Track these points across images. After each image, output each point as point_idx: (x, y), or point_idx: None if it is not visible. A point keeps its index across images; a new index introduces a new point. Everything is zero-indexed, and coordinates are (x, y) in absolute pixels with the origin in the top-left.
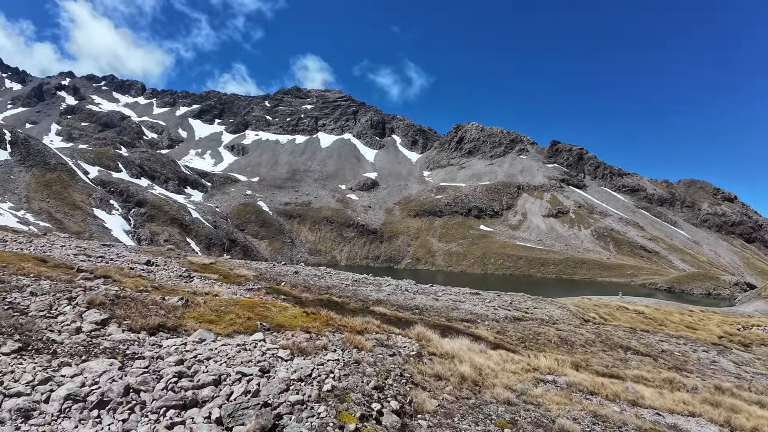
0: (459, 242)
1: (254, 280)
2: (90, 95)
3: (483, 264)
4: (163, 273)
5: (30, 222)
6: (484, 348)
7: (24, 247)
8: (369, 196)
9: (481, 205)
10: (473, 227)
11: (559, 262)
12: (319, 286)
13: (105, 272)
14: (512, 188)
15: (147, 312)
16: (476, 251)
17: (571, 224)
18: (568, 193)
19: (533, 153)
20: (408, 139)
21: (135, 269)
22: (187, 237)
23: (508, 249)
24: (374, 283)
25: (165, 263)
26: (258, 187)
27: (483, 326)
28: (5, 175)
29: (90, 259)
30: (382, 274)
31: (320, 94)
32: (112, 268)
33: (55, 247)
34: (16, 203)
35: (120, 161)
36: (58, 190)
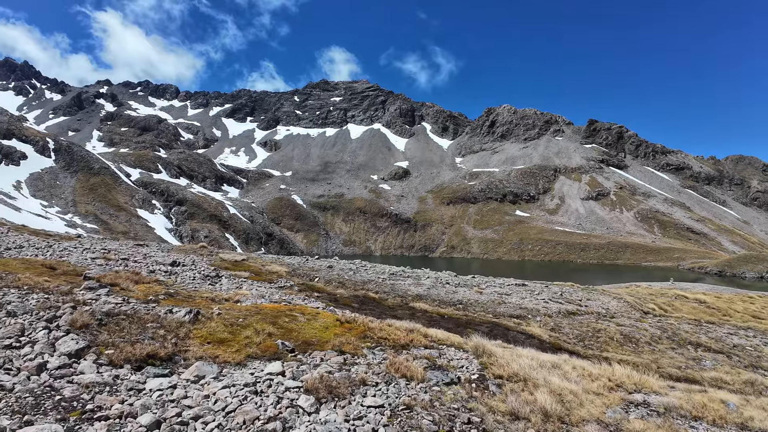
0: (494, 229)
1: (287, 276)
2: (127, 101)
3: (520, 250)
4: (187, 274)
5: (77, 224)
6: (557, 361)
7: (40, 253)
8: (401, 186)
9: (516, 189)
10: (509, 213)
11: (601, 247)
12: (355, 281)
13: (113, 279)
14: (548, 171)
15: (140, 334)
16: (512, 238)
17: (612, 207)
18: (608, 174)
19: (569, 134)
20: (438, 126)
21: (155, 272)
22: (225, 232)
23: (545, 234)
24: (412, 276)
25: (193, 263)
26: (291, 181)
27: (535, 323)
28: (52, 181)
29: (109, 262)
30: (416, 264)
31: (348, 86)
32: (123, 274)
33: (77, 251)
34: (63, 207)
35: (159, 163)
36: (102, 193)
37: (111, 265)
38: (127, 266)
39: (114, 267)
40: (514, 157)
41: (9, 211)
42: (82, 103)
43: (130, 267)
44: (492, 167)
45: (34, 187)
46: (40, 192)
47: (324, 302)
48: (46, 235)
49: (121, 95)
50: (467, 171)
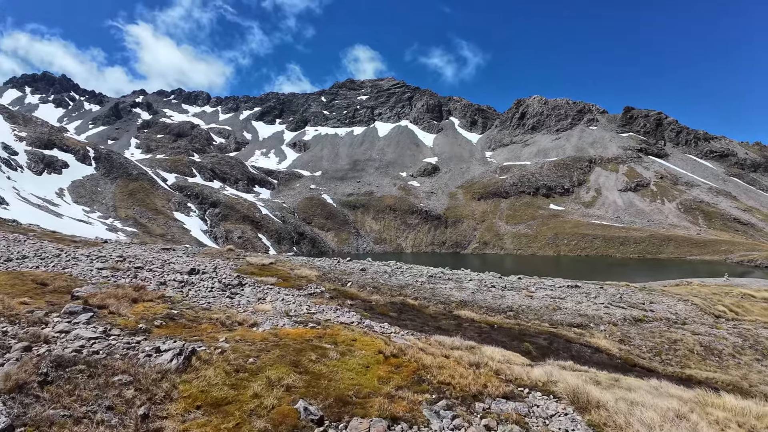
0: (528, 223)
1: (317, 281)
2: (162, 109)
3: (555, 245)
4: (205, 284)
5: (118, 228)
6: (681, 410)
7: (43, 264)
8: (430, 182)
9: (550, 182)
10: (542, 207)
11: (642, 241)
12: (391, 286)
13: (103, 300)
14: (583, 162)
15: (96, 400)
16: (547, 232)
17: (652, 198)
18: (647, 164)
19: (604, 123)
20: (466, 120)
21: (166, 284)
22: (258, 233)
23: (582, 228)
24: (453, 278)
25: (215, 269)
26: (321, 180)
27: (599, 332)
28: (93, 188)
29: (117, 273)
30: (448, 261)
31: (374, 84)
32: (121, 291)
33: (87, 260)
34: (104, 212)
35: (194, 167)
36: (141, 198)
37: (117, 276)
38: (136, 277)
39: (120, 279)
40: (546, 149)
41: (50, 217)
42: (119, 113)
43: (140, 278)
44: (523, 160)
45: (76, 193)
46: (82, 198)
47: (358, 312)
48: (71, 241)
49: (156, 104)
50: (498, 165)
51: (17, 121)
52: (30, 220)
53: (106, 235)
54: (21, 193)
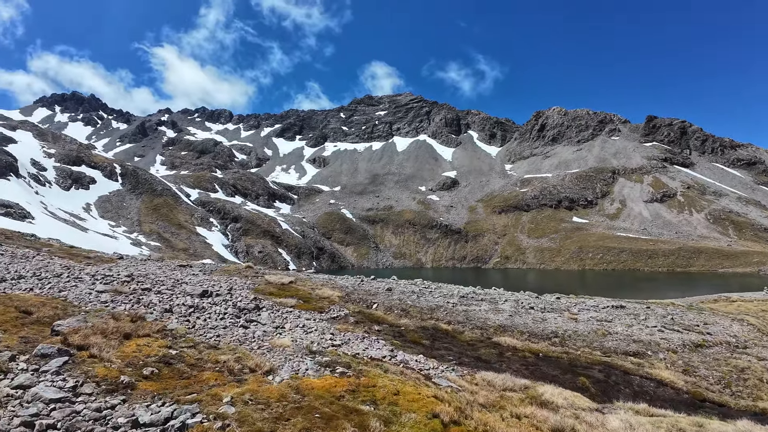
0: (550, 237)
1: (340, 302)
2: (186, 127)
3: (580, 259)
4: (216, 309)
5: (142, 243)
6: None
7: (40, 285)
8: (450, 196)
9: (572, 195)
10: (565, 220)
11: (670, 253)
12: (420, 308)
13: (87, 337)
14: (606, 174)
15: None
16: (571, 246)
17: (680, 208)
18: (673, 174)
19: (626, 132)
20: (485, 134)
21: (172, 310)
22: (278, 248)
23: (607, 241)
24: (487, 299)
25: (230, 290)
26: (340, 195)
27: (658, 361)
28: (119, 203)
29: (118, 297)
30: (469, 275)
31: (392, 99)
32: (112, 324)
33: (89, 280)
34: (129, 227)
35: (216, 183)
36: (165, 213)
37: (118, 301)
38: (139, 302)
39: (120, 305)
40: (567, 160)
41: (75, 231)
42: (145, 131)
43: (144, 303)
44: (544, 172)
45: (103, 208)
46: (108, 213)
47: (387, 339)
48: (85, 258)
49: (180, 122)
50: (518, 178)
51: (46, 138)
52: (55, 234)
53: (130, 249)
54: (48, 207)
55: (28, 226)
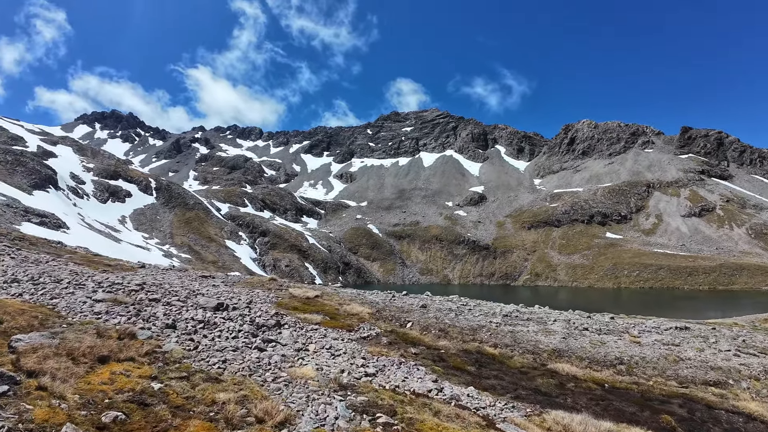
0: (583, 253)
1: (370, 320)
2: (218, 144)
3: (614, 277)
4: (229, 326)
5: (173, 254)
6: None
7: (30, 291)
8: (477, 211)
9: (605, 209)
10: (598, 236)
11: (711, 270)
12: (461, 328)
13: (44, 359)
14: (640, 187)
15: None
16: (604, 263)
17: (719, 223)
18: (711, 187)
19: (660, 144)
20: (513, 148)
21: (174, 326)
22: (305, 262)
23: (643, 258)
24: (533, 318)
25: (250, 303)
26: (367, 210)
27: (741, 391)
28: (153, 216)
29: (115, 309)
30: (498, 293)
31: (418, 115)
32: (80, 346)
33: (95, 287)
34: (161, 239)
35: (246, 197)
36: (196, 226)
37: (114, 313)
38: (138, 314)
39: (114, 317)
40: (599, 174)
41: (108, 242)
42: (180, 148)
43: (143, 316)
44: (575, 187)
45: (137, 221)
46: (142, 226)
47: (427, 364)
48: (106, 266)
49: (213, 139)
50: (548, 192)
51: (86, 153)
52: (88, 244)
53: (162, 260)
54: (85, 219)
55: (62, 235)
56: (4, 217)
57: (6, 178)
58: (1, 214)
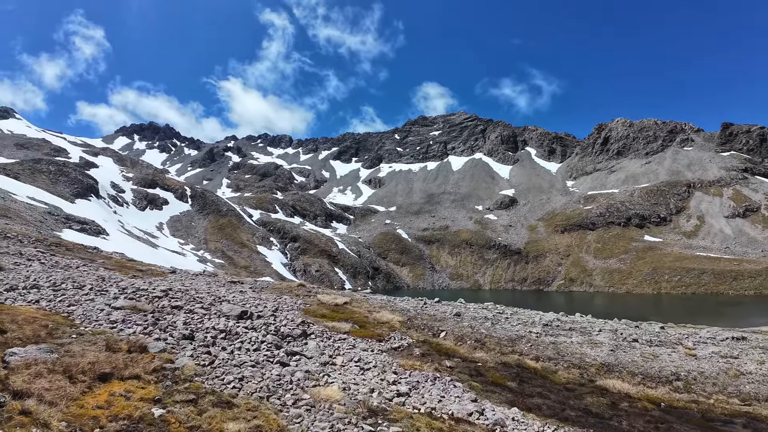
0: (620, 257)
1: (401, 328)
2: (250, 152)
3: (654, 282)
4: (251, 336)
5: (207, 260)
6: None
7: (49, 297)
8: (508, 215)
9: (643, 211)
10: (636, 239)
11: (757, 274)
12: (498, 338)
13: (35, 378)
14: (680, 187)
15: None
16: (643, 267)
17: (765, 224)
18: (755, 185)
19: (700, 142)
20: (544, 149)
21: (193, 337)
22: (335, 267)
23: (685, 262)
24: (576, 328)
25: (275, 311)
26: (396, 215)
27: None
28: (188, 223)
29: (132, 317)
30: (531, 298)
31: (446, 119)
32: (81, 362)
33: (116, 293)
34: (196, 245)
35: (276, 204)
36: (229, 232)
37: (129, 322)
38: (156, 324)
39: (128, 327)
40: (635, 174)
41: (147, 248)
42: (213, 157)
43: (161, 326)
44: (610, 188)
45: (173, 227)
46: (178, 232)
47: (463, 379)
48: (138, 270)
49: (244, 147)
50: (581, 194)
51: (125, 163)
52: (126, 249)
53: (196, 265)
54: (125, 225)
55: (102, 242)
56: (45, 224)
57: (50, 188)
58: (43, 221)
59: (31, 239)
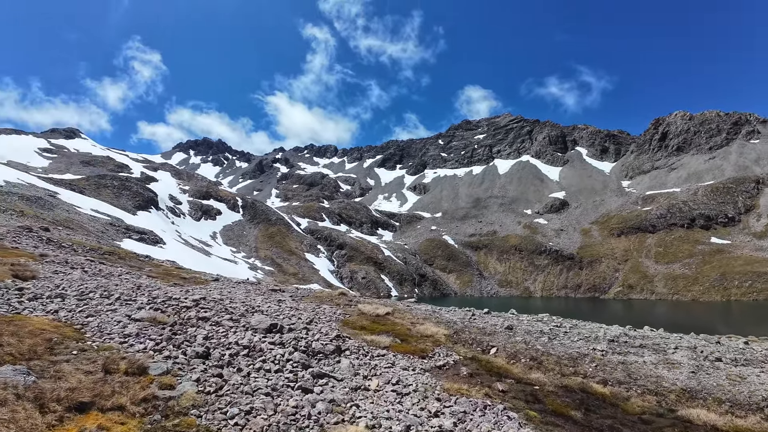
0: (684, 262)
1: (447, 343)
2: (297, 163)
3: (723, 288)
4: (276, 354)
5: (258, 267)
6: None
7: (70, 307)
8: (559, 219)
9: (708, 211)
10: (701, 241)
11: None
12: (557, 356)
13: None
14: (748, 184)
15: None
16: (710, 272)
17: None
18: None
19: None
20: (595, 149)
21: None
22: (381, 274)
23: (756, 265)
24: (648, 345)
25: (308, 324)
26: (441, 221)
27: None
28: (240, 232)
29: (147, 330)
30: (586, 306)
31: (490, 122)
32: (53, 389)
33: (141, 302)
34: (247, 253)
35: (323, 212)
36: (278, 241)
37: (143, 336)
38: (171, 339)
39: (140, 341)
40: (698, 171)
41: (200, 256)
42: (263, 168)
43: (177, 341)
44: (671, 187)
45: (226, 236)
46: (231, 241)
47: (520, 408)
48: (181, 278)
49: (292, 158)
50: (639, 195)
51: (182, 177)
52: (181, 257)
53: (247, 273)
54: (182, 235)
55: (158, 250)
56: (107, 234)
57: (113, 201)
58: (105, 231)
59: (86, 248)
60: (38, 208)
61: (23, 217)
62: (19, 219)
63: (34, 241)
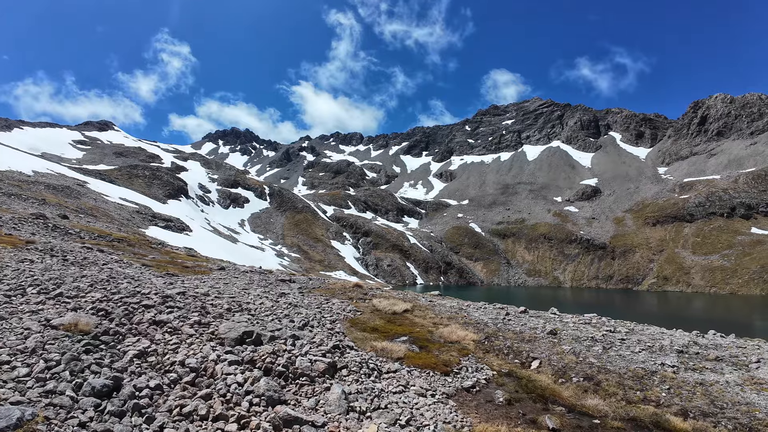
0: (722, 253)
1: (476, 351)
2: (323, 151)
3: (763, 281)
4: (229, 383)
5: (284, 254)
6: None
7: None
8: (591, 206)
9: (749, 200)
10: (742, 231)
11: None
12: (618, 374)
13: None
14: None
15: None
16: (750, 264)
17: None
18: None
19: None
20: (630, 133)
21: (117, 393)
22: (406, 261)
23: None
24: (725, 357)
25: (302, 327)
26: (468, 208)
27: None
28: (267, 219)
29: (61, 342)
30: (618, 298)
31: (518, 107)
32: None
33: (77, 304)
34: (274, 240)
35: (349, 200)
36: (304, 228)
37: (36, 354)
38: (76, 359)
39: (41, 359)
40: (739, 157)
41: (226, 242)
42: (289, 157)
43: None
44: (710, 174)
45: (254, 224)
46: (258, 228)
47: None
48: (183, 267)
49: (318, 147)
50: (676, 182)
51: (211, 166)
52: (204, 244)
53: (274, 259)
54: (211, 222)
55: (184, 237)
56: (132, 222)
57: (145, 190)
58: (130, 219)
59: (94, 235)
60: (64, 196)
61: (44, 205)
62: (40, 207)
63: (36, 227)
